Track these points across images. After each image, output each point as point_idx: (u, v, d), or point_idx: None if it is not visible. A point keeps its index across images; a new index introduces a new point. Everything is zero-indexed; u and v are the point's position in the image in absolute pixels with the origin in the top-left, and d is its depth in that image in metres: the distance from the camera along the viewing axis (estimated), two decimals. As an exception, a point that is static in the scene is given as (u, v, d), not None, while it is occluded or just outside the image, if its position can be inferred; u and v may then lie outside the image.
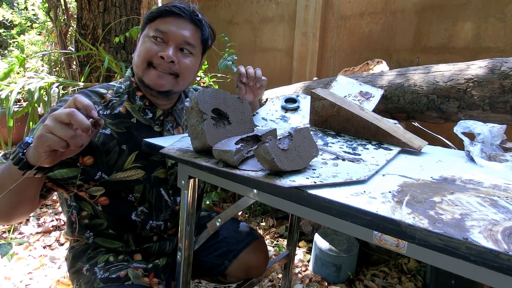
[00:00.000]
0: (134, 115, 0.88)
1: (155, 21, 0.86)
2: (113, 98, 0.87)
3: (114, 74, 2.07)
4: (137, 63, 0.86)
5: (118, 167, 0.84)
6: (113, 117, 0.85)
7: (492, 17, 1.91)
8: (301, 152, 0.57)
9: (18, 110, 1.91)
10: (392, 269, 1.75)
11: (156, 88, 0.85)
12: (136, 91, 0.90)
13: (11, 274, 1.62)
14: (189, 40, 0.87)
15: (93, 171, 0.82)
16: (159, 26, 0.85)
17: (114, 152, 0.83)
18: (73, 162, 0.80)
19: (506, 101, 1.07)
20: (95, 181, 0.83)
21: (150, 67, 0.85)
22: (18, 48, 4.39)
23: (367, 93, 0.99)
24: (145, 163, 0.88)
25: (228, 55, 1.91)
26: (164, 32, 0.84)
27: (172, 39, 0.85)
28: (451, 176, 0.58)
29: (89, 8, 2.14)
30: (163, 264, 0.95)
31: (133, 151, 0.86)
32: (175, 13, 0.85)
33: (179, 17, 0.86)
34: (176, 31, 0.85)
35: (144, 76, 0.85)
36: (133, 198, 0.88)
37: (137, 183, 0.87)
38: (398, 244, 0.43)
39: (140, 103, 0.89)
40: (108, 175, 0.83)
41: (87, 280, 0.87)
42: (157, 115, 0.91)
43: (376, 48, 2.36)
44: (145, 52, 0.84)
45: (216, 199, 2.17)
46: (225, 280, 1.10)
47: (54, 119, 0.62)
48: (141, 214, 0.90)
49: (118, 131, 0.85)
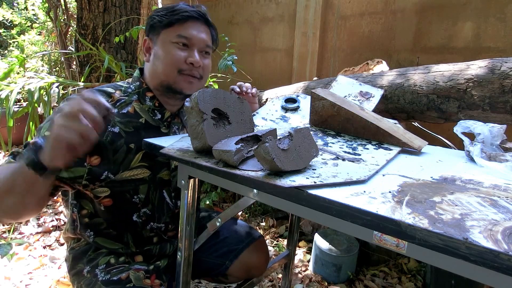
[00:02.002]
0: (142, 115, 0.88)
1: (174, 26, 0.86)
2: (121, 98, 0.88)
3: (114, 74, 2.07)
4: (165, 71, 0.86)
5: (124, 165, 0.84)
6: (122, 116, 0.86)
7: (492, 17, 1.91)
8: (301, 152, 0.57)
9: (18, 110, 1.91)
10: (392, 269, 1.75)
11: (187, 92, 0.87)
12: (146, 91, 0.90)
13: (11, 274, 1.62)
14: (208, 43, 0.90)
15: (99, 171, 0.82)
16: (181, 31, 0.85)
17: (122, 150, 0.84)
18: (80, 162, 0.80)
19: (506, 101, 1.07)
20: (101, 181, 0.83)
21: (180, 73, 0.86)
22: (18, 48, 4.39)
23: (367, 93, 0.99)
24: (151, 163, 0.88)
25: (228, 55, 1.91)
26: (187, 38, 0.86)
27: (196, 43, 0.87)
28: (451, 176, 0.58)
29: (89, 8, 2.14)
30: (164, 266, 0.95)
31: (140, 150, 0.86)
32: (194, 17, 0.87)
33: (197, 21, 0.88)
34: (197, 36, 0.87)
35: (176, 83, 0.86)
36: (138, 200, 0.88)
37: (142, 183, 0.87)
38: (398, 244, 0.43)
39: (150, 104, 0.90)
40: (114, 174, 0.83)
41: (88, 282, 0.86)
42: (165, 116, 0.91)
43: (376, 48, 2.36)
44: (173, 59, 0.85)
45: (216, 199, 2.17)
46: (226, 280, 1.10)
47: (65, 116, 0.62)
48: (143, 215, 0.90)
49: (126, 130, 0.85)
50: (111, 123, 0.83)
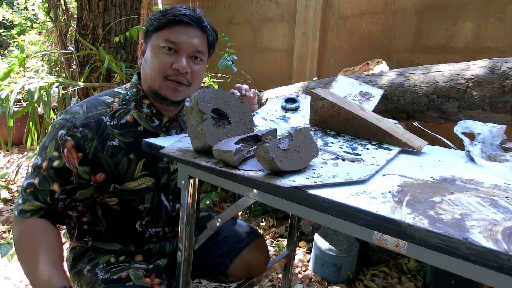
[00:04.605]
0: (141, 123, 0.88)
1: (163, 30, 0.84)
2: (120, 108, 0.87)
3: (114, 74, 2.07)
4: (153, 77, 0.85)
5: (128, 177, 0.86)
6: (120, 127, 0.85)
7: (492, 17, 1.91)
8: (301, 152, 0.57)
9: (18, 110, 1.91)
10: (392, 269, 1.75)
11: (172, 99, 0.86)
12: (143, 99, 0.89)
13: (11, 274, 1.62)
14: (199, 48, 0.87)
15: (106, 186, 0.84)
16: (169, 36, 0.83)
17: (123, 162, 0.84)
18: (87, 183, 0.82)
19: (506, 101, 1.07)
20: (109, 193, 0.85)
21: (166, 79, 0.85)
22: (18, 48, 4.39)
23: (367, 93, 0.99)
24: (153, 170, 0.89)
25: (228, 55, 1.91)
26: (175, 43, 0.83)
27: (184, 49, 0.84)
28: (451, 176, 0.58)
29: (89, 8, 2.14)
30: (164, 265, 0.95)
31: (140, 159, 0.86)
32: (184, 22, 0.84)
33: (188, 25, 0.85)
34: (187, 41, 0.84)
35: (161, 89, 0.85)
36: (143, 209, 0.90)
37: (147, 191, 0.89)
38: (398, 244, 0.43)
39: (147, 111, 0.89)
40: (120, 184, 0.85)
41: (89, 281, 0.87)
42: (163, 122, 0.91)
43: (376, 48, 2.36)
44: (160, 65, 0.83)
45: (216, 199, 2.17)
46: (226, 280, 1.10)
47: None
48: (145, 224, 0.91)
49: (125, 141, 0.85)
50: (110, 137, 0.83)
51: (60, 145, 0.79)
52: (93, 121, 0.82)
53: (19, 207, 0.79)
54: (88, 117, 0.82)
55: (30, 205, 0.78)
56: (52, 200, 0.79)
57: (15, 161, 3.04)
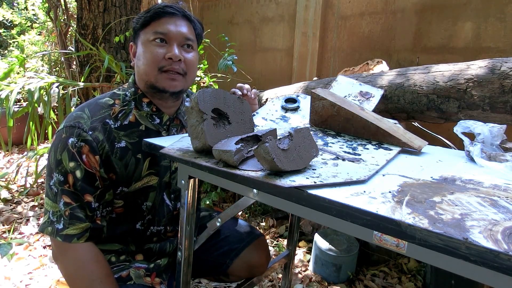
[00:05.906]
0: (142, 122, 0.88)
1: (150, 25, 0.85)
2: (121, 109, 0.87)
3: (114, 74, 2.07)
4: (147, 71, 0.85)
5: (136, 177, 0.86)
6: (124, 128, 0.85)
7: (492, 17, 1.91)
8: (301, 152, 0.57)
9: (18, 110, 1.91)
10: (392, 269, 1.75)
11: (171, 90, 0.86)
12: (142, 97, 0.90)
13: (11, 274, 1.62)
14: (188, 36, 0.88)
15: (115, 186, 0.85)
16: (157, 28, 0.84)
17: (132, 163, 0.85)
18: (110, 184, 0.84)
19: (506, 101, 1.07)
20: (116, 196, 0.86)
21: (160, 71, 0.85)
22: (18, 48, 4.39)
23: (367, 93, 0.99)
24: (158, 168, 0.89)
25: (228, 55, 1.91)
26: (164, 33, 0.84)
27: (174, 38, 0.85)
28: (451, 176, 0.58)
29: (89, 8, 2.14)
30: (165, 264, 0.95)
31: (146, 158, 0.87)
32: (168, 13, 0.86)
33: (173, 16, 0.86)
34: (175, 30, 0.85)
35: (157, 81, 0.85)
36: (145, 207, 0.90)
37: (152, 190, 0.89)
38: (398, 244, 0.43)
39: (147, 109, 0.89)
40: (127, 187, 0.86)
41: None
42: (164, 120, 0.91)
43: (376, 48, 2.36)
44: (152, 57, 0.84)
45: (216, 199, 2.17)
46: (227, 279, 1.10)
47: None
48: (146, 222, 0.92)
49: (131, 141, 0.85)
50: (117, 139, 0.83)
51: (74, 153, 0.78)
52: (99, 125, 0.81)
53: (62, 232, 0.77)
54: (94, 120, 0.82)
55: (75, 229, 0.78)
56: (91, 211, 0.80)
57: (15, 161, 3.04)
